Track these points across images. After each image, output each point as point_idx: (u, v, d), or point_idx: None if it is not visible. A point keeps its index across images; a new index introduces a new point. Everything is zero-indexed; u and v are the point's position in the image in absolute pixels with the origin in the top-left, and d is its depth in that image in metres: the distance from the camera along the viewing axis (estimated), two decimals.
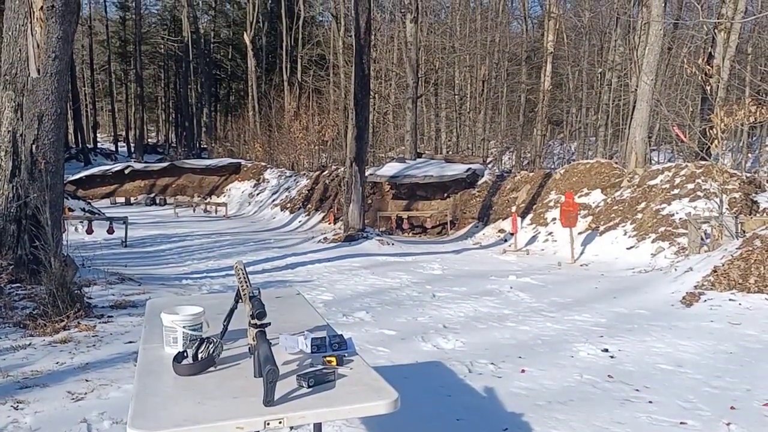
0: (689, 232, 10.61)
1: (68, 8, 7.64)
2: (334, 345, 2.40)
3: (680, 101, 21.56)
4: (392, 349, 5.75)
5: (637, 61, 18.62)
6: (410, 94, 20.83)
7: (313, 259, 11.62)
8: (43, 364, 5.01)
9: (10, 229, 7.38)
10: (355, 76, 14.68)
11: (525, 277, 9.83)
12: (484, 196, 17.92)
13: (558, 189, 15.61)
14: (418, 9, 20.87)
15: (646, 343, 5.96)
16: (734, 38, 18.32)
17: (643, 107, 15.22)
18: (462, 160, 20.49)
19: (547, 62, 25.99)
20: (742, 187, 12.23)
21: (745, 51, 21.94)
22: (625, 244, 12.09)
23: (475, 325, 6.75)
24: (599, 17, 27.27)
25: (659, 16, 15.21)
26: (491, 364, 5.31)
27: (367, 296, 8.25)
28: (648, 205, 12.81)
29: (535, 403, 4.40)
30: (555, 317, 7.15)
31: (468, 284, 9.18)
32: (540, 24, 33.09)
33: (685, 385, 4.80)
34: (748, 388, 4.70)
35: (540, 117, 26.50)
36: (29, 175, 7.36)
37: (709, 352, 5.67)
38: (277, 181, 25.59)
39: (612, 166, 15.78)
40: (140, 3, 41.52)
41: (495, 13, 31.93)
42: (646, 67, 15.29)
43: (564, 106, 30.17)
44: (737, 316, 6.81)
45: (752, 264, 7.87)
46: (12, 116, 7.42)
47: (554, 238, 13.84)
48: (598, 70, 27.09)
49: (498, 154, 30.77)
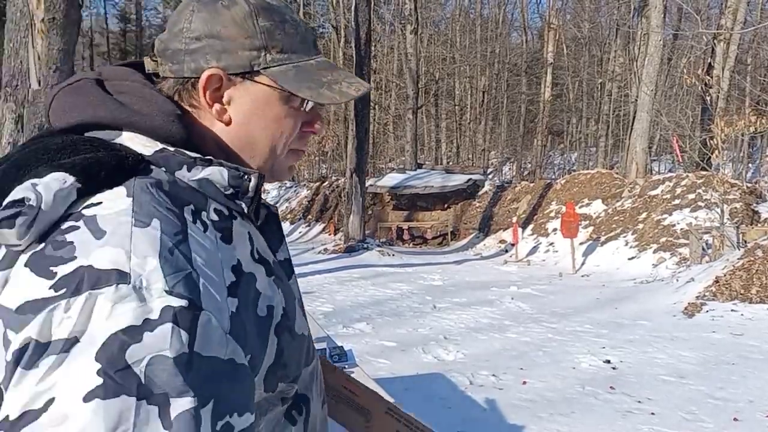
0: (690, 243, 10.60)
1: (69, 20, 7.66)
2: (334, 356, 2.38)
3: (680, 111, 21.61)
4: (393, 360, 5.73)
5: (637, 72, 18.68)
6: (410, 105, 20.89)
7: (314, 270, 11.60)
8: None
9: None
10: None
11: (526, 288, 9.81)
12: (485, 207, 17.92)
13: (559, 199, 15.62)
14: (418, 20, 20.97)
15: (647, 354, 5.93)
16: (734, 49, 18.38)
17: (644, 117, 15.25)
18: (462, 170, 20.52)
19: (547, 73, 26.08)
20: (742, 197, 12.23)
21: (745, 61, 22.03)
22: (627, 254, 12.08)
23: (476, 336, 6.73)
24: (599, 28, 27.39)
25: (659, 27, 15.27)
26: (492, 376, 5.28)
27: (368, 307, 8.23)
28: (649, 215, 12.80)
29: (537, 414, 4.37)
30: (556, 328, 7.12)
31: (469, 295, 9.16)
32: (540, 35, 33.24)
33: (688, 396, 4.77)
34: (751, 399, 4.67)
35: (540, 127, 26.56)
36: None
37: (711, 363, 5.64)
38: (277, 192, 25.62)
39: (613, 176, 15.80)
40: (141, 15, 41.74)
41: (495, 24, 32.08)
42: (646, 78, 15.34)
43: (564, 116, 30.27)
44: (739, 327, 6.79)
45: (754, 274, 7.86)
46: (12, 128, 7.43)
47: (555, 249, 13.83)
48: (598, 81, 27.18)
49: (498, 165, 30.84)
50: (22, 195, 0.65)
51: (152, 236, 0.66)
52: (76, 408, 0.56)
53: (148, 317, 0.61)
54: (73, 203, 0.68)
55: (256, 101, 0.82)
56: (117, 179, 0.70)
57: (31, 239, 0.65)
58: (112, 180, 0.70)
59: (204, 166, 0.76)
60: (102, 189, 0.69)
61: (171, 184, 0.73)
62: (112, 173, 0.70)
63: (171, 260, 0.65)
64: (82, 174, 0.68)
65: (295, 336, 0.81)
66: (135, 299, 0.61)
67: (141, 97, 0.78)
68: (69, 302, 0.60)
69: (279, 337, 0.77)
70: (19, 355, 0.59)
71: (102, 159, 0.70)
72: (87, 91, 0.79)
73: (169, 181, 0.74)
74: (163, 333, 0.61)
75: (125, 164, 0.72)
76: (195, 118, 0.81)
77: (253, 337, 0.71)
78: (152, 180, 0.72)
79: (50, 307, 0.60)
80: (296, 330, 0.82)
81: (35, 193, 0.65)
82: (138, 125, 0.76)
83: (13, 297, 0.63)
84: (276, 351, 0.77)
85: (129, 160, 0.72)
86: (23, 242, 0.65)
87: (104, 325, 0.59)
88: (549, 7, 27.98)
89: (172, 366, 0.60)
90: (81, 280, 0.61)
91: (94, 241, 0.64)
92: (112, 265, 0.62)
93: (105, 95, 0.78)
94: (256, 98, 0.82)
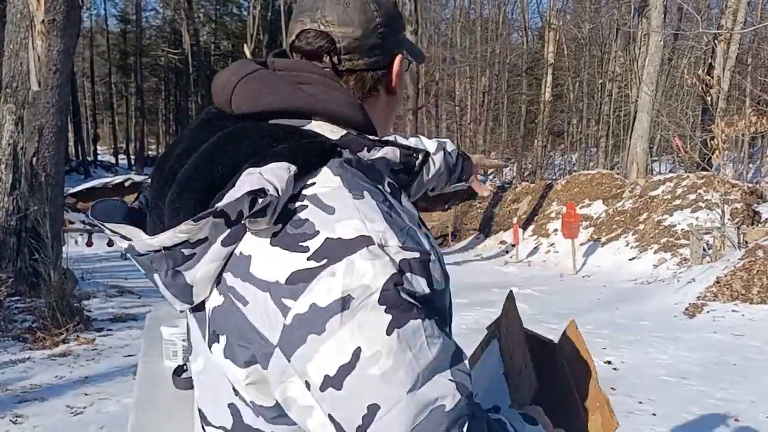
0: (691, 243, 10.59)
1: (69, 22, 7.66)
2: None
3: (681, 112, 21.61)
4: None
5: (638, 72, 18.67)
6: (411, 106, 20.87)
7: None
8: (42, 378, 4.98)
9: (9, 242, 7.36)
10: None
11: (527, 289, 9.80)
12: (486, 208, 17.92)
13: (559, 200, 15.61)
14: (419, 21, 20.95)
15: (649, 355, 5.92)
16: (734, 49, 18.38)
17: (644, 118, 15.25)
18: None
19: (548, 73, 26.08)
20: (743, 197, 12.23)
21: (745, 61, 22.02)
22: (627, 254, 12.07)
23: (477, 338, 6.65)
24: (599, 28, 27.37)
25: (659, 27, 15.27)
26: None
27: None
28: (650, 215, 12.79)
29: None
30: (557, 329, 7.08)
31: (469, 296, 9.14)
32: (540, 35, 33.23)
33: (689, 396, 4.76)
34: (753, 399, 4.66)
35: (541, 128, 26.55)
36: (29, 188, 7.35)
37: (712, 363, 5.64)
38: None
39: (613, 176, 15.79)
40: (141, 16, 41.75)
41: (495, 25, 32.06)
42: (647, 78, 15.33)
43: (565, 116, 30.24)
44: (740, 327, 6.78)
45: (755, 275, 7.85)
46: (13, 129, 7.43)
47: (556, 249, 13.82)
48: (599, 81, 27.17)
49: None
50: (258, 185, 0.74)
51: (371, 204, 0.78)
52: (384, 343, 0.72)
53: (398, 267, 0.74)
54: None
55: (399, 74, 0.98)
56: (319, 162, 0.82)
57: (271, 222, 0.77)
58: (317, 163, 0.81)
59: (381, 147, 0.88)
60: (310, 171, 0.81)
61: (357, 162, 0.85)
62: (318, 158, 0.81)
63: (392, 221, 0.78)
64: (298, 161, 0.79)
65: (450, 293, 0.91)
66: (383, 255, 0.74)
67: (326, 87, 0.90)
68: (333, 269, 0.73)
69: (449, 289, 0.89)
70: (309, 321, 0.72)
71: (309, 146, 0.82)
72: (273, 81, 0.89)
73: (355, 160, 0.85)
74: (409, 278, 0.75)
75: (324, 149, 0.83)
76: (370, 105, 0.95)
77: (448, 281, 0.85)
78: (344, 160, 0.83)
79: (318, 276, 0.73)
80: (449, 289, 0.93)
81: (269, 183, 0.75)
82: (326, 113, 0.88)
83: (276, 271, 0.74)
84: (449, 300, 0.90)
85: (325, 145, 0.83)
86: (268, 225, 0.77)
87: (370, 277, 0.72)
88: (549, 8, 28.02)
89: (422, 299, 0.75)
90: (334, 250, 0.74)
91: (327, 216, 0.76)
92: (356, 233, 0.75)
93: (293, 86, 0.89)
94: (398, 71, 0.98)
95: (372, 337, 0.71)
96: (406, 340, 0.72)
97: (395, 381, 0.71)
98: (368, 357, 0.71)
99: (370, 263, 0.73)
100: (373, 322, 0.72)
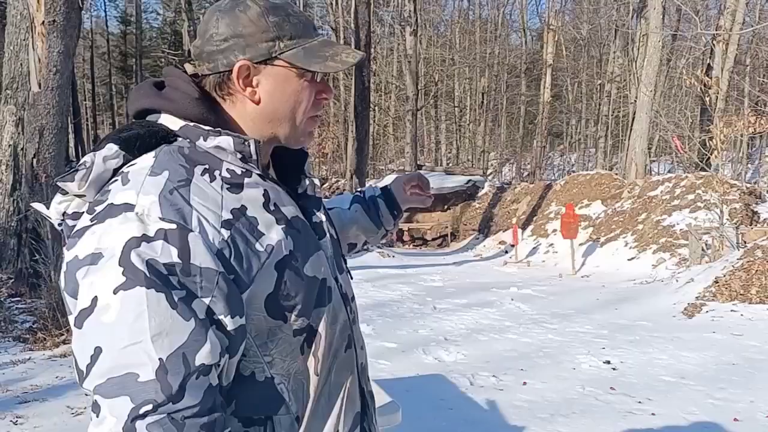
0: (690, 243, 10.60)
1: (69, 23, 7.67)
2: None
3: (679, 112, 21.64)
4: (393, 361, 5.73)
5: (636, 73, 18.69)
6: (410, 107, 20.86)
7: None
8: (42, 379, 4.99)
9: (10, 243, 7.38)
10: (355, 88, 14.74)
11: (526, 289, 9.81)
12: (485, 208, 17.93)
13: (558, 200, 15.62)
14: (418, 22, 20.95)
15: (648, 355, 5.93)
16: (732, 49, 18.39)
17: (643, 118, 15.26)
18: (462, 171, 20.53)
19: (547, 74, 26.07)
20: (742, 197, 12.24)
21: (744, 62, 22.03)
22: (626, 255, 12.08)
23: (476, 338, 6.73)
24: (598, 29, 27.40)
25: (658, 28, 15.28)
26: (493, 377, 5.29)
27: (368, 309, 8.22)
28: (648, 216, 12.80)
29: (537, 415, 4.38)
30: (556, 329, 7.12)
31: (469, 296, 9.16)
32: (539, 36, 33.24)
33: (688, 397, 4.77)
34: (752, 399, 4.67)
35: (540, 128, 26.55)
36: (30, 189, 7.36)
37: (711, 363, 5.65)
38: None
39: (612, 177, 15.80)
40: (141, 17, 41.73)
41: (494, 26, 32.09)
42: (645, 79, 15.34)
43: (563, 117, 30.28)
44: (739, 327, 6.79)
45: (754, 275, 7.86)
46: (13, 130, 7.44)
47: (555, 250, 13.83)
48: (598, 82, 27.20)
49: (498, 166, 30.82)
50: (83, 160, 0.94)
51: (158, 181, 0.91)
52: (110, 299, 0.84)
53: (145, 233, 0.86)
54: (122, 165, 0.96)
55: (278, 81, 1.04)
56: (151, 148, 0.97)
57: (91, 191, 0.94)
58: (148, 148, 0.97)
59: (216, 136, 0.99)
60: (141, 153, 0.96)
61: (190, 149, 0.99)
62: (146, 143, 0.97)
63: (169, 198, 0.90)
64: (123, 144, 0.96)
65: (304, 277, 1.01)
66: (137, 221, 0.87)
67: (175, 88, 1.03)
68: (94, 228, 0.88)
69: (280, 272, 0.98)
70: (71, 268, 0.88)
71: (139, 133, 0.98)
72: (144, 89, 1.06)
73: (189, 147, 0.99)
74: (156, 246, 0.86)
75: (156, 136, 0.98)
76: (231, 104, 1.05)
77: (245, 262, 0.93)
78: (175, 147, 0.98)
79: (86, 233, 0.88)
80: (305, 272, 1.02)
81: (91, 157, 0.94)
82: (170, 109, 1.02)
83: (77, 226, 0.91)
84: (275, 283, 0.97)
85: (159, 133, 0.99)
86: (85, 192, 0.94)
87: (117, 239, 0.85)
88: (548, 9, 28.02)
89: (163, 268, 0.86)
90: (105, 213, 0.88)
91: (121, 187, 0.91)
92: (124, 201, 0.89)
93: (152, 90, 1.05)
94: (277, 79, 1.04)
95: (104, 292, 0.84)
96: (128, 303, 0.83)
97: (115, 334, 0.83)
98: (101, 307, 0.84)
99: (122, 227, 0.86)
100: (108, 279, 0.84)
